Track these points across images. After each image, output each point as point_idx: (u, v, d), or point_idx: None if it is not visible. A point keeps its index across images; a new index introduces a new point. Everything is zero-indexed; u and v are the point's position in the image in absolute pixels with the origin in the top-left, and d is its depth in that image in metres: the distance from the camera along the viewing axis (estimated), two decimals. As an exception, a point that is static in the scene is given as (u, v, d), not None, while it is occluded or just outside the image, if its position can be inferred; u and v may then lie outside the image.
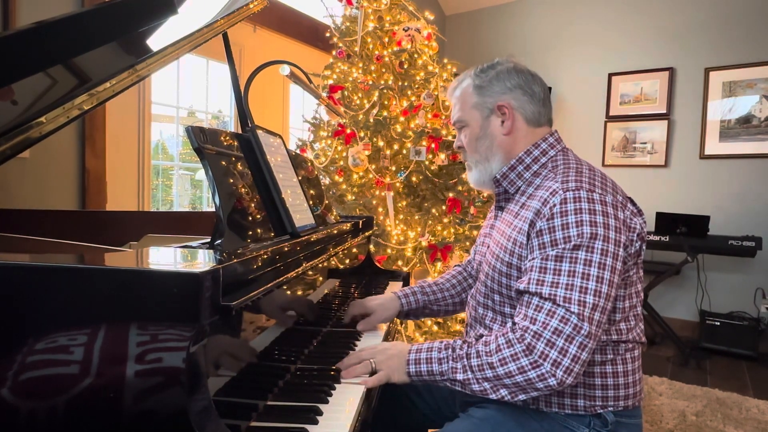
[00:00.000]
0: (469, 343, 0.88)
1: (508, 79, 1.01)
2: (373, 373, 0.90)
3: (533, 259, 0.88)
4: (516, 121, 1.01)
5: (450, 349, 0.88)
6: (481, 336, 0.91)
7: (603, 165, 3.95)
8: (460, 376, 0.85)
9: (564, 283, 0.83)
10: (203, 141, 0.85)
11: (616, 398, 0.91)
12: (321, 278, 1.14)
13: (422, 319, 2.18)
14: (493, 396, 0.84)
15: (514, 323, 0.86)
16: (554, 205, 0.88)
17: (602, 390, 0.91)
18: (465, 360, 0.86)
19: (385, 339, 1.17)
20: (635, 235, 0.91)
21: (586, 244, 0.84)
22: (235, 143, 1.00)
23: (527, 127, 1.02)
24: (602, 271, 0.83)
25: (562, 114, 4.15)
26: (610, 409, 0.91)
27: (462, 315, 1.97)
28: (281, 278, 0.81)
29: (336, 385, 0.86)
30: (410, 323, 2.14)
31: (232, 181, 0.90)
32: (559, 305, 0.82)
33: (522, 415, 0.93)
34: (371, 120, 2.22)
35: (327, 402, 0.79)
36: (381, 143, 2.23)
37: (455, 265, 1.35)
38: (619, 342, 0.93)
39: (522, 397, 0.83)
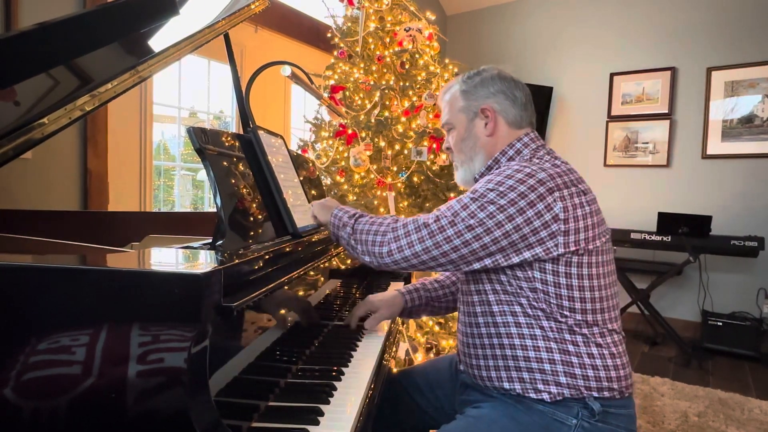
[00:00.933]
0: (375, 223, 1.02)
1: (492, 85, 1.06)
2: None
3: None
4: (498, 123, 1.06)
5: (357, 218, 1.04)
6: (467, 316, 1.04)
7: (605, 165, 3.95)
8: (347, 219, 1.03)
9: (453, 208, 0.94)
10: (205, 142, 0.85)
11: (598, 379, 0.92)
12: (322, 278, 1.14)
13: (423, 319, 2.18)
14: (344, 243, 1.03)
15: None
16: (499, 168, 0.98)
17: (581, 369, 0.92)
18: (355, 222, 1.03)
19: (387, 340, 1.17)
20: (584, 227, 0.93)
21: (482, 203, 0.91)
22: (237, 144, 1.00)
23: (509, 129, 1.06)
24: (478, 227, 0.91)
25: (563, 114, 4.15)
26: (594, 395, 0.92)
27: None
28: (283, 279, 0.81)
29: (337, 386, 0.86)
30: (412, 323, 2.14)
31: (233, 181, 0.90)
32: (438, 215, 0.95)
33: (515, 411, 0.95)
34: (372, 120, 2.22)
35: (328, 402, 0.79)
36: (382, 143, 2.23)
37: None
38: (581, 324, 0.93)
39: (365, 257, 0.99)
